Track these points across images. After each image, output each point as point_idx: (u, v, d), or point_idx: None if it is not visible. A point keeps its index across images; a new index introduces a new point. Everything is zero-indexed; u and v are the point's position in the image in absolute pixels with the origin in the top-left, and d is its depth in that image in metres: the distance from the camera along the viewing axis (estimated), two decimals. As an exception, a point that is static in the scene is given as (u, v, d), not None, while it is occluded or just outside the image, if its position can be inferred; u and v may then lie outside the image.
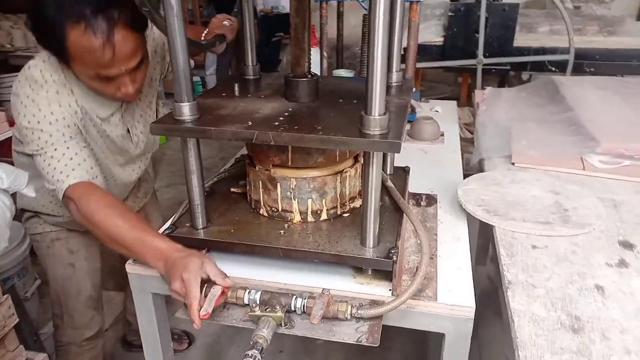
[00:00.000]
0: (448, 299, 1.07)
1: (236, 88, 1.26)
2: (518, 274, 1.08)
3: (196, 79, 7.02)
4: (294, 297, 1.05)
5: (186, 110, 1.06)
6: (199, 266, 1.03)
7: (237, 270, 1.16)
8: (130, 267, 1.22)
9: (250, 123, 1.05)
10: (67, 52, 1.18)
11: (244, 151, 1.73)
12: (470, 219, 1.38)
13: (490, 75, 3.63)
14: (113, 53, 1.17)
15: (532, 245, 1.19)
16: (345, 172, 1.20)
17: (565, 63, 3.11)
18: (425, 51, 3.30)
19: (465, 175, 1.66)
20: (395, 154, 1.43)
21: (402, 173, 1.49)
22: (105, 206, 1.15)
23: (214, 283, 1.04)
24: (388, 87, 1.36)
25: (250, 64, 1.43)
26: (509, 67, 3.25)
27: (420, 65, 3.10)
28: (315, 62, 2.40)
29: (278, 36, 5.65)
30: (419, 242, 1.25)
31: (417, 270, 1.09)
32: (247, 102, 1.20)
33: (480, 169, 1.69)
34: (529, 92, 2.29)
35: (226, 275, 1.04)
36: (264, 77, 1.46)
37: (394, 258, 1.05)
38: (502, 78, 4.04)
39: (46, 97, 1.25)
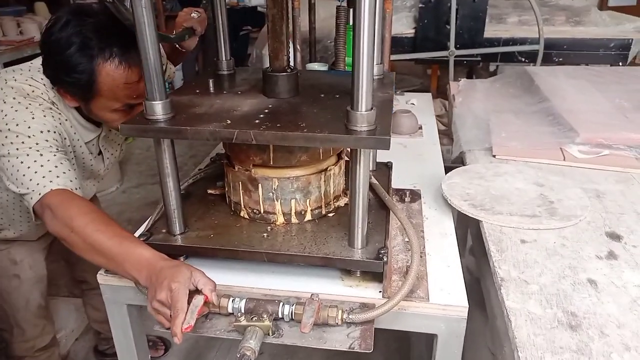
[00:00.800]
0: (440, 298, 1.04)
1: (211, 84, 1.19)
2: (510, 270, 1.06)
3: (162, 76, 6.83)
4: (281, 303, 0.99)
5: (159, 109, 0.98)
6: (187, 277, 0.96)
7: (218, 276, 1.09)
8: (102, 278, 1.14)
9: (229, 121, 0.99)
10: (94, 88, 1.20)
11: (219, 149, 1.66)
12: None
13: (459, 66, 3.63)
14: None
15: (520, 239, 1.17)
16: (330, 170, 1.15)
17: (534, 53, 3.12)
18: (396, 43, 3.26)
19: (446, 169, 1.63)
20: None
21: (384, 169, 1.45)
22: (87, 212, 1.07)
23: (198, 293, 0.97)
24: (369, 81, 1.31)
25: (224, 59, 1.36)
26: (479, 59, 3.25)
27: (392, 57, 3.07)
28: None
29: (246, 30, 5.54)
30: (406, 240, 1.21)
31: (407, 270, 1.06)
32: (223, 99, 1.13)
33: (461, 161, 1.67)
34: (503, 83, 2.28)
35: (215, 285, 0.98)
36: (239, 72, 1.39)
37: (385, 259, 1.01)
38: (470, 69, 4.06)
39: (40, 108, 1.21)
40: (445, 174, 1.59)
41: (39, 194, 1.08)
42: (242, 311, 0.99)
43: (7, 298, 1.58)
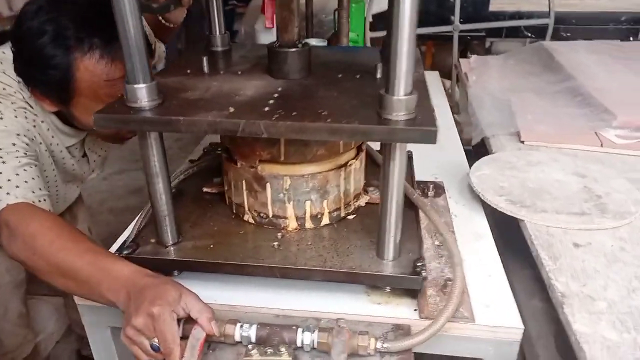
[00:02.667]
0: (488, 318, 0.87)
1: (205, 63, 0.98)
2: (569, 282, 0.89)
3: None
4: (300, 330, 0.82)
5: (143, 94, 0.78)
6: (175, 298, 0.77)
7: (218, 294, 0.92)
8: (80, 299, 0.95)
9: (231, 109, 0.79)
10: (72, 87, 1.03)
11: (213, 138, 1.46)
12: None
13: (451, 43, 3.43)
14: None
15: (573, 242, 1.00)
16: (350, 165, 0.97)
17: (540, 28, 2.94)
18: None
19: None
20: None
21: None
22: (50, 228, 0.87)
23: (190, 322, 0.79)
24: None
25: (218, 32, 1.15)
26: (484, 34, 3.07)
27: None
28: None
29: (231, 4, 5.24)
30: (436, 243, 1.04)
31: (445, 283, 0.89)
32: (221, 81, 0.93)
33: (484, 148, 1.50)
34: (517, 60, 2.10)
35: (213, 312, 0.79)
36: (235, 48, 1.19)
37: (423, 274, 0.84)
38: (464, 47, 3.86)
39: (12, 108, 1.04)
40: (468, 162, 1.43)
41: None
42: (253, 340, 0.82)
43: None
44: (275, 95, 0.86)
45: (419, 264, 0.86)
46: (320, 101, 0.83)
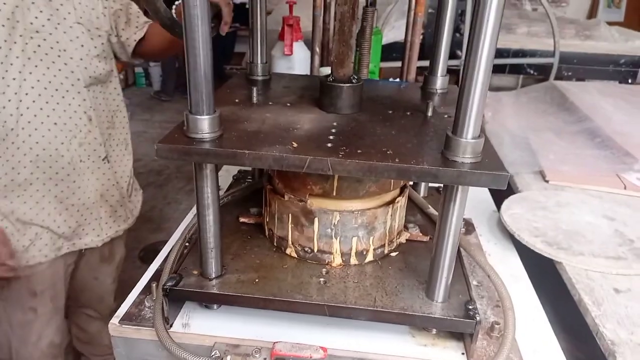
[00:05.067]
0: (537, 364, 0.86)
1: (254, 93, 0.98)
2: (617, 330, 0.89)
3: (138, 70, 6.49)
4: (351, 372, 0.80)
5: (205, 126, 0.77)
6: None
7: (259, 330, 0.90)
8: (114, 329, 0.91)
9: (295, 145, 0.78)
10: None
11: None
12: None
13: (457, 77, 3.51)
14: None
15: (613, 288, 1.00)
16: (397, 202, 0.96)
17: (543, 66, 3.02)
18: (401, 49, 3.11)
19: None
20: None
21: (437, 195, 1.27)
22: None
23: None
24: (431, 95, 1.13)
25: (260, 62, 1.15)
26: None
27: (394, 64, 2.91)
28: (302, 58, 2.14)
29: (233, 27, 5.29)
30: (474, 283, 1.03)
31: (495, 328, 0.88)
32: (274, 113, 0.92)
33: (510, 185, 1.51)
34: (530, 98, 2.14)
35: None
36: (275, 78, 1.18)
37: (477, 318, 0.82)
38: (457, 79, 3.93)
39: None
40: (493, 199, 1.44)
41: None
42: (302, 381, 0.79)
43: (18, 332, 1.35)
44: (333, 130, 0.86)
45: (470, 307, 0.85)
46: (381, 139, 0.83)
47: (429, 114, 0.95)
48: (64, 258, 1.38)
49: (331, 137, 0.82)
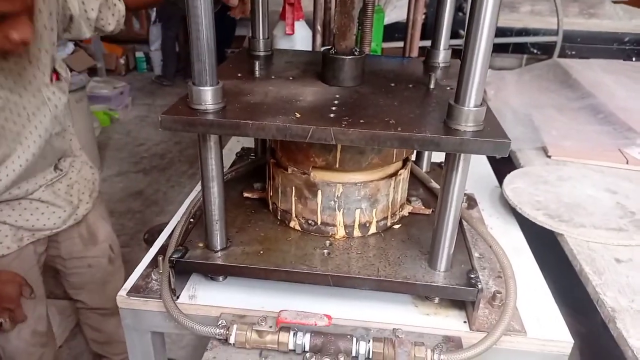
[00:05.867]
0: (538, 332, 0.87)
1: (256, 67, 0.98)
2: (618, 298, 0.90)
3: (139, 54, 6.46)
4: (355, 339, 0.81)
5: (208, 97, 0.77)
6: None
7: (264, 300, 0.91)
8: (122, 301, 0.93)
9: (297, 115, 0.78)
10: None
11: (244, 142, 1.45)
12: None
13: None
14: None
15: (614, 258, 1.01)
16: (399, 174, 0.97)
17: (547, 45, 2.99)
18: (403, 29, 3.09)
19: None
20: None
21: (439, 170, 1.27)
22: None
23: None
24: (434, 68, 1.13)
25: (261, 37, 1.15)
26: (492, 44, 3.10)
27: (399, 44, 2.89)
28: (303, 37, 2.13)
29: (234, 10, 5.24)
30: (476, 255, 1.04)
31: (497, 297, 0.89)
32: (277, 86, 0.93)
33: (512, 161, 1.51)
34: (533, 76, 2.14)
35: None
36: (277, 53, 1.18)
37: (479, 286, 0.84)
38: (460, 57, 3.90)
39: None
40: (496, 175, 1.44)
41: None
42: (307, 349, 0.81)
43: None
44: (335, 102, 0.86)
45: (472, 276, 0.86)
46: (384, 109, 0.83)
47: (432, 86, 0.95)
48: (33, 245, 1.33)
49: (334, 109, 0.83)
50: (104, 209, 1.59)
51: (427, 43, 1.21)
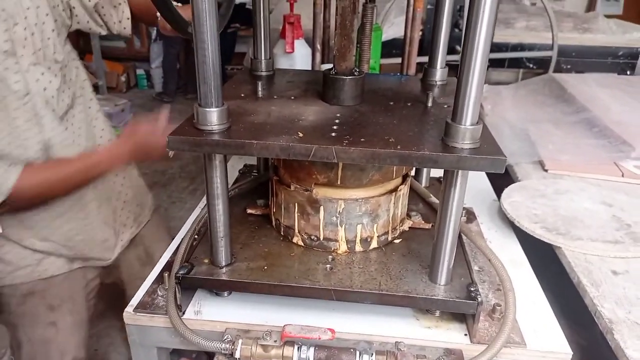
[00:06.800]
0: (538, 344, 0.89)
1: (259, 87, 1.01)
2: (615, 309, 0.92)
3: (140, 72, 6.52)
4: (358, 353, 0.83)
5: (214, 118, 0.80)
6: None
7: (268, 315, 0.93)
8: (128, 317, 0.95)
9: (300, 134, 0.81)
10: None
11: (246, 160, 1.47)
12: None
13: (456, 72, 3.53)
14: None
15: (611, 270, 1.03)
16: (400, 190, 0.99)
17: (542, 60, 3.04)
18: (400, 45, 3.14)
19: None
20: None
21: (438, 185, 1.30)
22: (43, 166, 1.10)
23: None
24: (431, 86, 1.16)
25: (263, 58, 1.18)
26: (487, 64, 3.15)
27: (395, 61, 2.94)
28: (303, 55, 2.17)
29: (234, 27, 5.31)
30: (476, 268, 1.06)
31: (497, 310, 0.91)
32: (279, 106, 0.96)
33: (508, 174, 1.54)
34: (529, 90, 2.17)
35: None
36: (279, 73, 1.21)
37: (479, 299, 0.86)
38: (456, 74, 3.95)
39: None
40: (494, 188, 1.47)
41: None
42: (312, 363, 0.82)
43: (40, 349, 1.32)
44: (337, 121, 0.89)
45: (472, 289, 0.88)
46: (383, 128, 0.86)
47: (429, 104, 0.98)
48: (82, 271, 1.35)
49: (335, 127, 0.85)
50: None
51: (425, 59, 1.25)
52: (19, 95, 1.07)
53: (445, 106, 0.99)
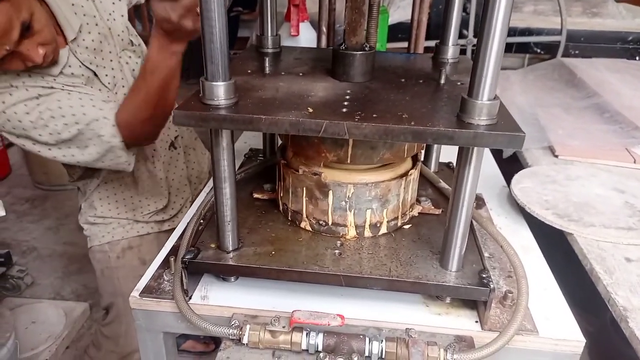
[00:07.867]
0: (550, 331, 0.87)
1: (266, 63, 0.98)
2: (629, 297, 0.90)
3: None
4: (367, 339, 0.81)
5: (221, 92, 0.77)
6: None
7: (276, 301, 0.91)
8: (134, 302, 0.93)
9: (310, 110, 0.78)
10: None
11: (253, 144, 1.45)
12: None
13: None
14: None
15: (625, 257, 1.01)
16: (410, 174, 0.97)
17: (550, 45, 3.00)
18: (407, 30, 3.09)
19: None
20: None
21: (447, 170, 1.27)
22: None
23: None
24: (443, 64, 1.13)
25: (270, 34, 1.15)
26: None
27: (403, 44, 2.90)
28: (308, 39, 2.13)
29: (236, 11, 5.25)
30: (486, 255, 1.04)
31: (508, 297, 0.89)
32: (287, 82, 0.93)
33: (516, 159, 1.51)
34: (537, 75, 2.14)
35: None
36: (286, 50, 1.18)
37: (491, 285, 0.83)
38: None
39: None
40: (503, 175, 1.44)
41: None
42: (320, 349, 0.81)
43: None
44: (347, 97, 0.86)
45: (484, 275, 0.86)
46: (396, 104, 0.83)
47: (442, 81, 0.95)
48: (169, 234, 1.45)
49: (346, 103, 0.83)
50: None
51: (432, 43, 1.21)
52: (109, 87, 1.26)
53: (459, 83, 0.96)
